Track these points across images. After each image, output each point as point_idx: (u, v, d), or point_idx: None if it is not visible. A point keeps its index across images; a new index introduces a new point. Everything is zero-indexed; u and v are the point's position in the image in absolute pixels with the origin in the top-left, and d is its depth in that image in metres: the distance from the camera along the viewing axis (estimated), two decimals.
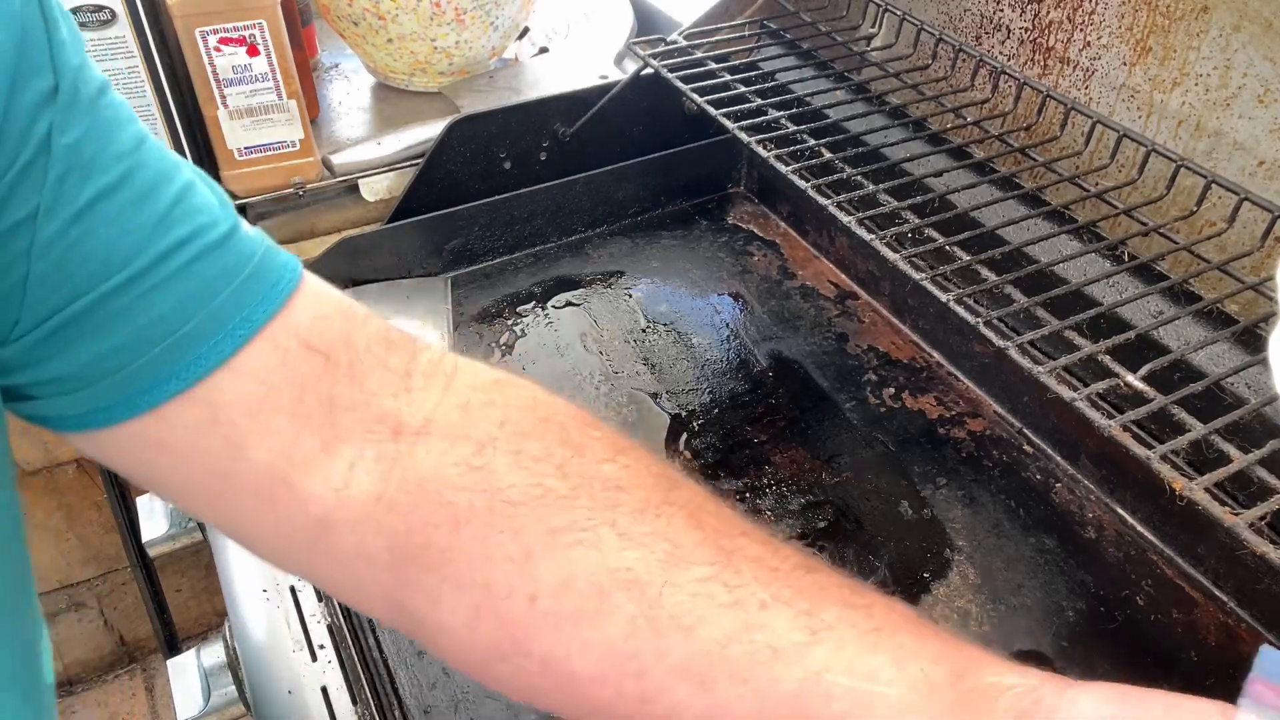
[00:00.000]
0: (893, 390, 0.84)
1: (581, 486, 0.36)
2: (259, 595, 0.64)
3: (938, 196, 0.73)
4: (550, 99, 0.95)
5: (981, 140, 0.78)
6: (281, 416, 0.35)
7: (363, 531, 0.36)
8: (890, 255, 0.62)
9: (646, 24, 1.13)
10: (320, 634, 0.62)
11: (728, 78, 0.82)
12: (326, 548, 0.37)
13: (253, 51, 0.77)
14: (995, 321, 0.58)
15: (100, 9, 0.70)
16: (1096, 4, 0.75)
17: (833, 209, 0.66)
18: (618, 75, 1.01)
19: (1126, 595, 0.68)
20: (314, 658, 0.61)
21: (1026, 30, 0.81)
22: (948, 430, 0.80)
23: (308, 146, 0.84)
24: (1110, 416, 0.51)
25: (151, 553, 0.80)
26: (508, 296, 0.92)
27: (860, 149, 0.75)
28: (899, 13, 0.85)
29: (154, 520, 0.81)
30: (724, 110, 0.77)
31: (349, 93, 1.00)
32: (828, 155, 0.73)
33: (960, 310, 0.59)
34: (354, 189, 0.91)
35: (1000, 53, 0.84)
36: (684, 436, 0.78)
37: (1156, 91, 0.73)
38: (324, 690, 0.59)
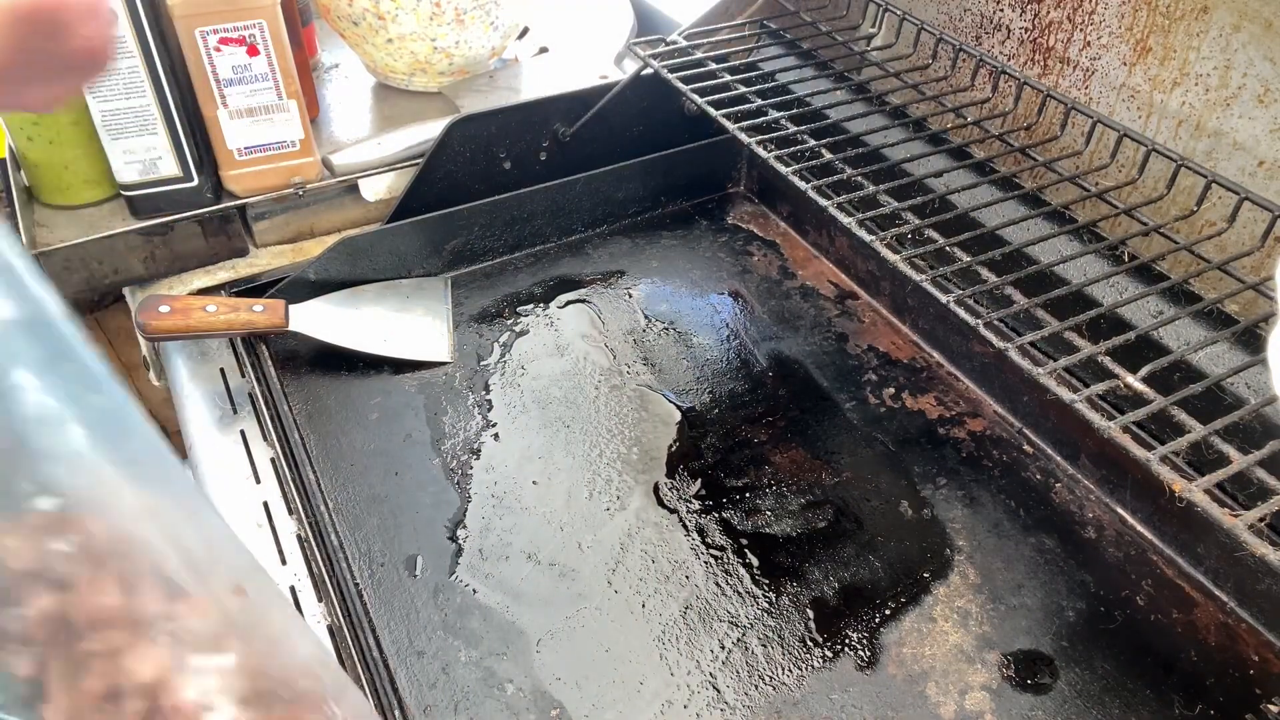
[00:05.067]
0: (893, 390, 0.84)
1: None
2: None
3: (938, 197, 0.73)
4: (550, 99, 0.95)
5: (982, 140, 0.78)
6: None
7: None
8: (890, 256, 0.62)
9: (646, 24, 1.13)
10: (320, 634, 0.62)
11: (727, 78, 0.82)
12: None
13: (253, 51, 0.77)
14: (995, 322, 0.58)
15: None
16: (1096, 4, 0.75)
17: (833, 210, 0.66)
18: (618, 75, 1.01)
19: (1126, 595, 0.68)
20: None
21: (1026, 30, 0.81)
22: (948, 430, 0.80)
23: (308, 146, 0.84)
24: (1110, 417, 0.51)
25: None
26: (508, 296, 0.92)
27: (860, 149, 0.75)
28: (899, 12, 0.85)
29: None
30: (724, 111, 0.77)
31: (349, 93, 1.00)
32: (828, 156, 0.73)
33: (960, 312, 0.59)
34: (354, 189, 0.91)
35: (1000, 53, 0.84)
36: (687, 435, 0.78)
37: (1156, 91, 0.73)
38: None
